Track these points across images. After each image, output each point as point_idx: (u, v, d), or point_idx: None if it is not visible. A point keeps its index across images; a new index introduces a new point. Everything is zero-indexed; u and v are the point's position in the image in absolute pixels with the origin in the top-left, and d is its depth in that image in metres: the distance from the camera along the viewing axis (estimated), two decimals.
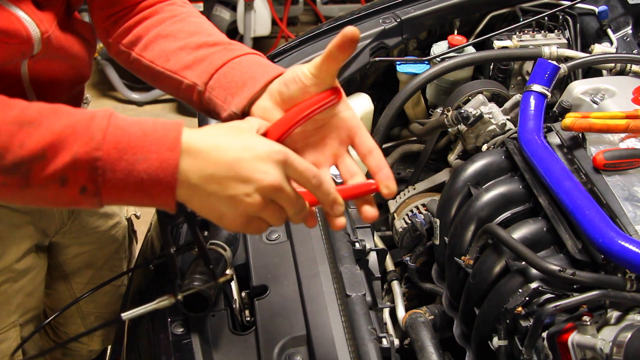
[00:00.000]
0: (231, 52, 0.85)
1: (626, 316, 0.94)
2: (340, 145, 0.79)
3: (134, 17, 0.94)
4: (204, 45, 0.87)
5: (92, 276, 1.33)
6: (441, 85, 1.66)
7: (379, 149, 0.77)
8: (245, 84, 0.81)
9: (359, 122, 0.79)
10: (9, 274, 1.08)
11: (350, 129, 0.78)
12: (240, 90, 0.81)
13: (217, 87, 0.83)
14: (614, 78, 1.41)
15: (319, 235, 1.04)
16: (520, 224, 1.12)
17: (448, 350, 1.20)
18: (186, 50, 0.87)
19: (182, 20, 0.93)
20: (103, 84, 3.77)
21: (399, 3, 1.71)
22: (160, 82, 0.90)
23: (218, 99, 0.82)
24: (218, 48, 0.86)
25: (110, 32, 0.96)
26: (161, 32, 0.91)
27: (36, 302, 1.18)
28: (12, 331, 1.11)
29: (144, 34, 0.92)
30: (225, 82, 0.82)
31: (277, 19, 3.83)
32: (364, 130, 0.79)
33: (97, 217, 1.26)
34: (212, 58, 0.85)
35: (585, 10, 1.70)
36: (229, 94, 0.81)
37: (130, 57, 0.92)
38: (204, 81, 0.84)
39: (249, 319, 0.95)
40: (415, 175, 1.62)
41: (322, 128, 0.79)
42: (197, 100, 0.85)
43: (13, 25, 0.79)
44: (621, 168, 1.10)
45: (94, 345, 1.44)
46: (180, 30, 0.90)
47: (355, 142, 0.78)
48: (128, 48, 0.93)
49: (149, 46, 0.90)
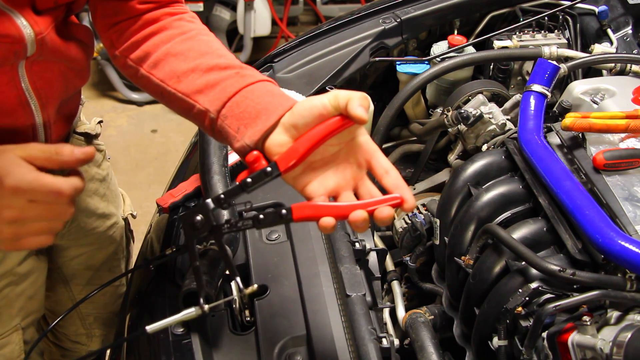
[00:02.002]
0: (244, 78, 0.85)
1: (626, 316, 0.94)
2: (359, 169, 0.80)
3: (140, 30, 0.93)
4: (215, 67, 0.87)
5: (90, 277, 1.33)
6: (441, 85, 1.66)
7: (395, 170, 0.79)
8: (259, 115, 0.81)
9: (374, 146, 0.81)
10: (11, 277, 1.08)
11: (367, 152, 0.80)
12: (254, 122, 0.81)
13: (229, 115, 0.83)
14: (614, 78, 1.41)
15: (319, 235, 1.04)
16: (520, 224, 1.12)
17: (448, 350, 1.20)
18: (197, 72, 0.86)
19: (192, 38, 0.92)
20: (103, 84, 3.78)
21: (399, 3, 1.71)
22: (171, 103, 0.90)
23: (231, 128, 0.82)
24: (230, 72, 0.86)
25: (116, 44, 0.95)
26: (171, 50, 0.90)
27: (37, 305, 1.18)
28: (14, 335, 1.11)
29: (153, 50, 0.91)
30: (238, 112, 0.82)
31: (277, 19, 3.84)
32: (380, 152, 0.80)
33: (95, 218, 1.26)
34: (224, 84, 0.85)
35: (585, 10, 1.70)
36: (242, 124, 0.81)
37: (138, 72, 0.92)
38: (217, 109, 0.84)
39: (249, 319, 0.95)
40: (415, 175, 1.62)
41: (340, 153, 0.81)
42: (208, 125, 0.86)
43: (3, 25, 0.80)
44: (621, 168, 1.10)
45: (93, 345, 1.44)
46: (191, 49, 0.89)
47: (372, 164, 0.80)
48: (136, 64, 0.92)
49: (159, 64, 0.90)
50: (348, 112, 0.75)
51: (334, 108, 0.76)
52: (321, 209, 0.75)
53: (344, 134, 0.78)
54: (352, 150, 0.80)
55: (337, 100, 0.76)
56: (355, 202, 0.77)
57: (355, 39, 1.60)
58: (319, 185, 0.79)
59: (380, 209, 0.74)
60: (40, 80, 0.90)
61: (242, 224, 0.78)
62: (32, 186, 0.73)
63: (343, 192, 0.79)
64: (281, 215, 0.76)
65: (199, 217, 0.78)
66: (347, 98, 0.75)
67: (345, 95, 0.76)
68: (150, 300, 1.05)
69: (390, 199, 0.75)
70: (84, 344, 1.43)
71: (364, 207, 0.75)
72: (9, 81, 0.86)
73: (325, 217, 0.74)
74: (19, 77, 0.87)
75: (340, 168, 0.80)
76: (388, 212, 0.74)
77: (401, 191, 0.76)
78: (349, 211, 0.75)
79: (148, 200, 2.78)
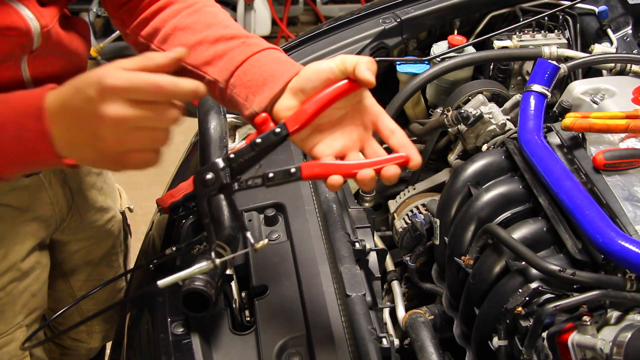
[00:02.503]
0: (250, 47, 0.88)
1: (626, 316, 0.94)
2: (365, 131, 0.83)
3: (148, 7, 0.96)
4: (222, 38, 0.89)
5: (90, 273, 1.33)
6: (441, 85, 1.66)
7: (401, 130, 0.81)
8: (266, 82, 0.83)
9: (380, 108, 0.83)
10: (15, 273, 1.08)
11: (373, 114, 0.83)
12: (261, 89, 0.83)
13: (238, 84, 0.86)
14: (614, 78, 1.41)
15: (319, 235, 1.04)
16: (520, 224, 1.12)
17: (448, 350, 1.20)
18: (205, 44, 0.89)
19: (198, 11, 0.94)
20: None
21: (399, 3, 1.71)
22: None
23: (239, 96, 0.85)
24: (236, 42, 0.89)
25: (127, 23, 0.98)
26: (178, 24, 0.92)
27: (40, 302, 1.18)
28: (18, 332, 1.11)
29: (161, 26, 0.94)
30: (245, 80, 0.85)
31: (277, 19, 3.84)
32: (385, 114, 0.83)
33: (94, 211, 1.27)
34: (231, 54, 0.87)
35: (585, 10, 1.70)
36: (250, 92, 0.84)
37: (149, 48, 0.94)
38: (225, 78, 0.86)
39: (249, 319, 0.95)
40: (415, 175, 1.62)
41: (347, 115, 0.83)
42: (219, 95, 0.88)
43: (10, 17, 0.81)
44: (621, 168, 1.10)
45: (93, 343, 1.44)
46: (197, 22, 0.92)
47: (379, 125, 0.82)
48: (147, 40, 0.95)
49: (168, 39, 0.92)
50: (356, 75, 0.77)
51: (341, 72, 0.79)
52: (330, 168, 0.78)
53: (350, 97, 0.81)
54: (359, 113, 0.83)
55: (344, 64, 0.78)
56: (362, 161, 0.79)
57: (355, 39, 1.60)
58: (326, 147, 0.82)
59: (386, 168, 0.77)
60: (42, 74, 0.91)
61: (252, 182, 0.79)
62: (130, 82, 0.69)
63: (350, 153, 0.82)
64: (290, 173, 0.78)
65: (210, 176, 0.78)
66: (355, 62, 0.77)
67: (353, 60, 0.78)
68: (150, 299, 1.04)
69: (396, 158, 0.78)
70: (84, 341, 1.43)
71: (371, 166, 0.77)
72: (11, 76, 0.88)
73: (334, 175, 0.77)
74: (21, 71, 0.88)
75: (347, 130, 0.83)
76: (394, 171, 0.77)
77: (407, 150, 0.78)
78: (357, 169, 0.77)
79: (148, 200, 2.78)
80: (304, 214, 1.08)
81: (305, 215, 1.07)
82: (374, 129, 0.83)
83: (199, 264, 0.80)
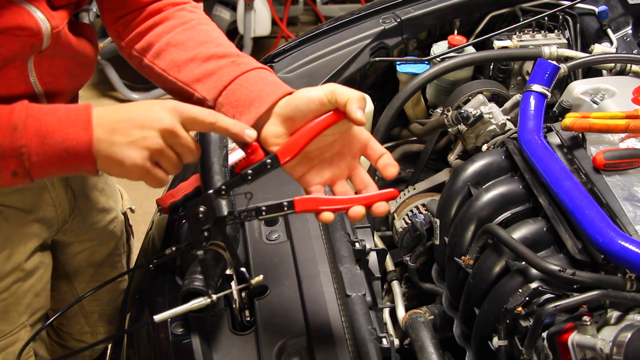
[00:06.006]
0: (239, 67, 0.89)
1: (626, 316, 0.94)
2: (353, 159, 0.85)
3: (144, 21, 0.97)
4: (213, 56, 0.90)
5: (93, 274, 1.33)
6: (441, 85, 1.66)
7: (389, 153, 0.84)
8: (252, 103, 0.84)
9: (368, 135, 0.85)
10: (19, 273, 1.09)
11: (361, 141, 0.85)
12: (248, 110, 0.84)
13: (225, 103, 0.87)
14: (614, 78, 1.41)
15: (319, 235, 1.04)
16: (520, 224, 1.12)
17: (448, 350, 1.20)
18: (196, 61, 0.90)
19: (192, 28, 0.95)
20: (103, 84, 3.77)
21: (399, 3, 1.71)
22: (172, 92, 0.93)
23: (227, 115, 0.85)
24: (226, 61, 0.90)
25: (122, 35, 0.99)
26: (172, 40, 0.94)
27: (43, 302, 1.18)
28: (22, 332, 1.12)
29: (155, 41, 0.95)
30: (233, 99, 0.86)
31: (277, 19, 3.83)
32: (374, 140, 0.85)
33: (96, 212, 1.27)
34: (221, 73, 0.88)
35: (585, 10, 1.70)
36: (237, 112, 0.85)
37: (142, 62, 0.96)
38: (213, 97, 0.88)
39: (249, 319, 0.95)
40: (415, 175, 1.62)
41: (335, 143, 0.85)
42: None
43: (22, 18, 0.83)
44: (621, 168, 1.10)
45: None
46: (190, 39, 0.93)
47: (367, 152, 0.85)
48: (140, 54, 0.96)
49: (161, 54, 0.93)
50: (347, 114, 0.78)
51: (331, 103, 0.80)
52: (322, 202, 0.81)
53: (339, 124, 0.82)
54: (347, 141, 0.85)
55: (334, 96, 0.79)
56: (353, 197, 0.82)
57: (355, 39, 1.60)
58: (315, 175, 0.84)
59: (377, 205, 0.80)
60: (47, 75, 0.92)
61: (245, 215, 0.81)
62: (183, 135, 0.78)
63: (338, 182, 0.85)
64: (283, 207, 0.80)
65: (203, 209, 0.80)
66: (346, 98, 0.78)
67: (344, 94, 0.79)
68: (152, 299, 1.05)
69: (385, 194, 0.81)
70: (88, 342, 1.43)
71: (362, 202, 0.80)
72: (18, 75, 0.89)
73: (326, 211, 0.80)
74: (27, 71, 0.89)
75: (336, 159, 0.85)
76: (384, 208, 0.80)
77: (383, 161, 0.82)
78: (349, 205, 0.80)
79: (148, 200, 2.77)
80: (303, 214, 1.08)
81: (305, 215, 1.07)
82: (363, 154, 0.85)
83: (196, 300, 0.82)
